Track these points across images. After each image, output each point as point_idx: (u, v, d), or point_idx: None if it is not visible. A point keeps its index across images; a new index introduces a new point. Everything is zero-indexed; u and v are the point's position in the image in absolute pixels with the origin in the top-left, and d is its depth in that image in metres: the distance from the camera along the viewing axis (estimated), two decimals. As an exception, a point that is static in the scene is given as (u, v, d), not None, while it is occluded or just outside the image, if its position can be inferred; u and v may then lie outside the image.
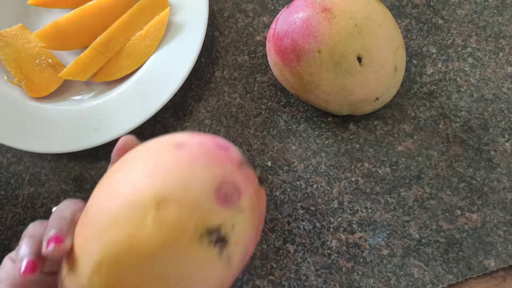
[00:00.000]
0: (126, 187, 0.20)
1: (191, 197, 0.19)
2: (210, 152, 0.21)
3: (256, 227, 0.21)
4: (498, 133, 0.35)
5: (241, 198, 0.20)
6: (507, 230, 0.32)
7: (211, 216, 0.19)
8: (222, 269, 0.20)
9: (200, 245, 0.19)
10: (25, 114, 0.38)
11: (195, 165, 0.20)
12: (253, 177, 0.22)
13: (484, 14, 0.38)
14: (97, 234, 0.19)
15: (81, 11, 0.38)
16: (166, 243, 0.18)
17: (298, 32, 0.31)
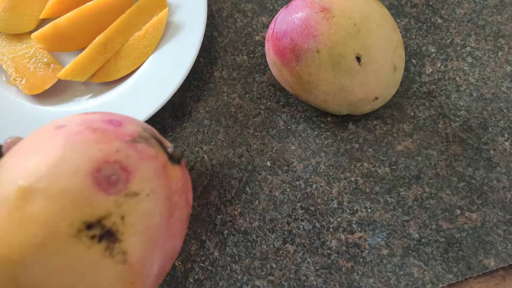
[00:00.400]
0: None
1: (63, 185, 0.15)
2: (92, 128, 0.17)
3: (165, 215, 0.18)
4: (497, 132, 0.35)
5: (130, 180, 0.17)
6: (506, 229, 0.32)
7: (90, 206, 0.16)
8: (117, 269, 0.16)
9: (78, 243, 0.15)
10: (24, 115, 0.38)
11: (68, 145, 0.16)
12: (154, 154, 0.18)
13: (483, 13, 0.38)
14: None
15: (80, 12, 0.38)
16: (35, 246, 0.15)
17: (297, 32, 0.31)
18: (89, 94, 0.39)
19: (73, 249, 0.15)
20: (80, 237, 0.15)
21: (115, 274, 0.16)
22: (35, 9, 0.41)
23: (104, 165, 0.16)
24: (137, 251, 0.17)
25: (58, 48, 0.39)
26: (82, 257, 0.15)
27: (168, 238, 0.18)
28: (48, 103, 0.39)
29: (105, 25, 0.39)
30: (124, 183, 0.16)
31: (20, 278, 0.15)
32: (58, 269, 0.15)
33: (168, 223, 0.18)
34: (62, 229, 0.15)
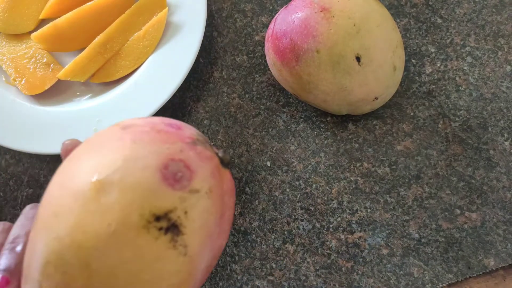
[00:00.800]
0: (68, 175, 0.18)
1: (134, 179, 0.17)
2: (157, 129, 0.19)
3: (219, 214, 0.19)
4: (497, 132, 0.35)
5: (193, 178, 0.18)
6: (506, 229, 0.32)
7: (158, 200, 0.17)
8: (178, 260, 0.17)
9: (147, 234, 0.16)
10: (24, 115, 0.38)
11: (139, 143, 0.18)
12: (210, 156, 0.19)
13: (482, 13, 0.38)
14: (42, 232, 0.17)
15: (79, 12, 0.38)
16: (109, 234, 0.16)
17: (296, 32, 0.31)
18: (89, 94, 0.39)
19: (142, 239, 0.16)
20: (149, 228, 0.16)
21: (176, 265, 0.17)
22: (35, 10, 0.41)
23: (171, 162, 0.18)
24: (196, 245, 0.18)
25: (57, 48, 0.39)
26: (150, 247, 0.17)
27: (218, 235, 0.19)
28: (48, 103, 0.39)
29: (105, 25, 0.39)
30: (188, 180, 0.18)
31: (92, 264, 0.16)
32: (128, 257, 0.16)
33: (220, 221, 0.19)
34: (134, 220, 0.16)
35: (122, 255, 0.16)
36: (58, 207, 0.17)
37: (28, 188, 0.39)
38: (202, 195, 0.18)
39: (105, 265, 0.16)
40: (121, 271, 0.16)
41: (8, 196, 0.39)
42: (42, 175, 0.39)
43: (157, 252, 0.17)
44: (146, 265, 0.17)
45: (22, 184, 0.39)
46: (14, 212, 0.38)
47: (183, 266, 0.18)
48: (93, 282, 0.16)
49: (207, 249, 0.19)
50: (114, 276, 0.16)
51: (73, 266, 0.16)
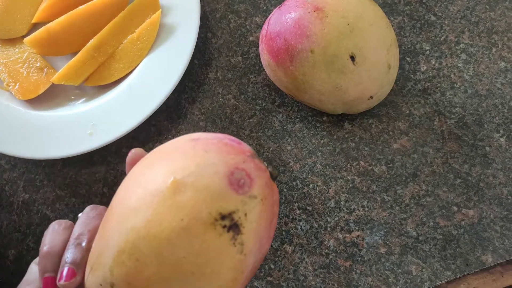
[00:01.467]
0: (145, 176, 0.21)
1: (206, 182, 0.20)
2: (223, 142, 0.22)
3: (269, 220, 0.21)
4: (493, 128, 0.35)
5: (252, 185, 0.20)
6: (503, 225, 0.32)
7: (225, 201, 0.19)
8: (235, 257, 0.20)
9: (213, 230, 0.19)
10: (18, 120, 0.38)
11: (210, 152, 0.21)
12: (264, 169, 0.22)
13: (476, 10, 0.38)
14: (118, 225, 0.20)
15: (72, 16, 0.38)
16: (181, 227, 0.19)
17: (290, 32, 0.31)
18: (83, 98, 0.39)
19: (209, 234, 0.19)
20: (215, 225, 0.19)
21: (233, 261, 0.20)
22: (27, 14, 0.40)
23: (235, 171, 0.20)
24: (250, 245, 0.20)
25: (51, 52, 0.39)
26: (214, 242, 0.19)
27: (266, 240, 0.22)
28: (42, 107, 0.39)
29: (98, 29, 0.38)
30: (248, 187, 0.20)
31: (164, 253, 0.19)
32: (196, 249, 0.19)
33: (269, 227, 0.22)
34: (204, 217, 0.19)
35: (191, 247, 0.19)
36: (137, 202, 0.20)
37: (24, 193, 0.38)
38: (258, 201, 0.20)
39: (175, 255, 0.19)
40: (188, 261, 0.19)
41: (4, 202, 0.38)
42: (38, 180, 0.39)
43: (220, 247, 0.19)
44: (209, 258, 0.19)
45: (18, 189, 0.39)
46: (10, 218, 0.38)
47: (239, 262, 0.20)
48: (162, 270, 0.19)
49: (257, 251, 0.21)
50: (181, 265, 0.19)
51: (147, 255, 0.19)
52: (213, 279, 0.19)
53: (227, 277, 0.20)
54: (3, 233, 0.37)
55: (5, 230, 0.38)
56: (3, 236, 0.37)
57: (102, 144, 0.36)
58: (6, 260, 0.37)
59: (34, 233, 0.37)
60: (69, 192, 0.38)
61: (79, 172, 0.38)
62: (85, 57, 0.38)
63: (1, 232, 0.38)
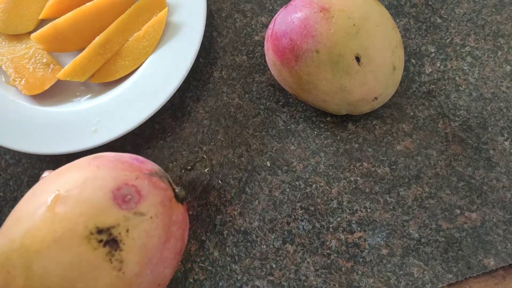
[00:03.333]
0: (40, 189, 0.21)
1: (89, 195, 0.19)
2: (120, 160, 0.22)
3: (162, 240, 0.20)
4: (497, 132, 0.35)
5: (140, 202, 0.20)
6: (506, 229, 0.32)
7: (104, 216, 0.19)
8: (112, 274, 0.19)
9: (87, 244, 0.18)
10: (23, 115, 0.38)
11: (101, 169, 0.21)
12: (164, 188, 0.22)
13: (482, 13, 0.38)
14: (1, 235, 0.20)
15: (79, 13, 0.38)
16: (53, 239, 0.18)
17: (296, 32, 0.31)
18: (89, 94, 0.39)
19: (82, 248, 0.18)
20: (90, 239, 0.18)
21: (109, 279, 0.19)
22: (34, 10, 0.40)
23: (124, 186, 0.20)
24: (133, 263, 0.19)
25: (57, 49, 0.39)
26: (87, 256, 0.18)
27: (160, 260, 0.21)
28: (48, 103, 0.39)
29: (105, 26, 0.39)
30: (135, 203, 0.20)
31: (33, 266, 0.18)
32: (66, 263, 0.18)
33: (163, 247, 0.21)
34: (79, 230, 0.18)
35: (61, 259, 0.18)
36: (21, 213, 0.20)
37: (28, 189, 0.39)
38: (146, 218, 0.20)
39: (44, 268, 0.18)
40: (57, 275, 0.18)
41: (8, 197, 0.39)
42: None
43: (93, 262, 0.18)
44: (81, 272, 0.18)
45: (21, 185, 0.39)
46: (14, 213, 0.38)
47: (117, 281, 0.19)
48: (31, 283, 0.18)
49: (146, 271, 0.20)
50: (50, 279, 0.18)
51: (16, 267, 0.18)
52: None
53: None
54: (7, 228, 0.38)
55: (9, 225, 0.38)
56: (6, 230, 0.38)
57: (106, 140, 0.36)
58: (9, 254, 0.37)
59: (37, 228, 0.37)
60: (72, 188, 0.38)
61: (83, 168, 0.38)
62: (91, 54, 0.38)
63: (5, 226, 0.38)
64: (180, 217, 0.22)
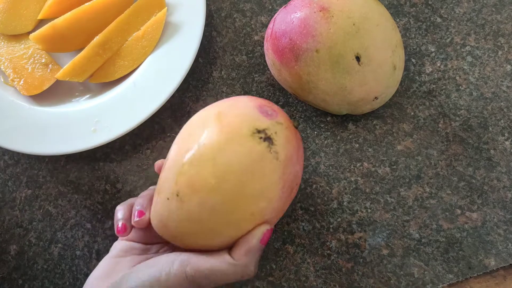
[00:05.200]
0: (197, 115, 0.27)
1: (242, 111, 0.26)
2: (250, 97, 0.28)
3: (295, 146, 0.27)
4: (497, 131, 0.35)
5: (278, 115, 0.26)
6: (507, 229, 0.32)
7: (258, 122, 0.25)
8: (273, 161, 0.25)
9: (253, 140, 0.25)
10: (22, 116, 0.38)
11: (241, 98, 0.27)
12: (284, 114, 0.28)
13: (482, 12, 0.38)
14: (179, 150, 0.26)
15: (78, 13, 0.38)
16: (227, 139, 0.24)
17: (296, 31, 0.31)
18: (88, 94, 0.39)
19: (250, 141, 0.24)
20: (254, 136, 0.25)
21: (273, 165, 0.25)
22: (33, 10, 0.40)
23: (263, 105, 0.27)
24: (283, 155, 0.25)
25: (56, 49, 0.39)
26: (255, 147, 0.24)
27: (297, 162, 0.27)
28: (47, 103, 0.39)
29: (104, 26, 0.39)
30: (275, 116, 0.26)
31: (216, 159, 0.24)
32: (241, 152, 0.24)
33: (297, 150, 0.27)
34: (244, 131, 0.25)
35: (237, 151, 0.24)
36: (191, 130, 0.26)
37: (27, 189, 0.38)
38: (284, 127, 0.26)
39: (226, 158, 0.24)
40: (236, 162, 0.24)
41: (7, 197, 0.39)
42: (40, 175, 0.39)
43: (260, 152, 0.24)
44: (253, 160, 0.24)
45: (21, 185, 0.39)
46: (13, 213, 0.38)
47: (277, 167, 0.25)
48: (217, 170, 0.24)
49: (290, 164, 0.26)
50: (232, 166, 0.24)
51: (204, 161, 0.24)
52: (259, 177, 0.24)
53: (271, 180, 0.25)
54: (5, 228, 0.38)
55: (7, 225, 0.38)
56: (5, 231, 0.37)
57: (105, 141, 0.36)
58: (8, 255, 0.37)
59: (36, 229, 0.37)
60: (71, 188, 0.38)
61: (82, 168, 0.38)
62: (90, 54, 0.38)
63: (3, 227, 0.38)
64: (300, 139, 0.28)
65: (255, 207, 0.25)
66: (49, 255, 0.36)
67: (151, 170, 0.37)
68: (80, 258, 0.36)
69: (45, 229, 0.37)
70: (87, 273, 0.35)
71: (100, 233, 0.36)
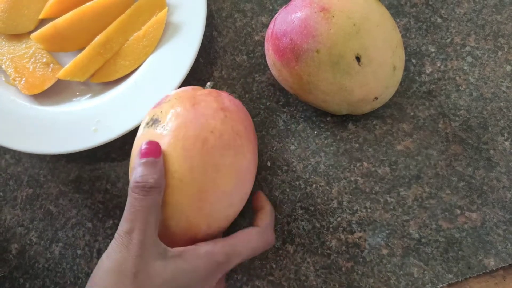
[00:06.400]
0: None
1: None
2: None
3: (188, 108, 0.28)
4: (497, 132, 0.35)
5: (167, 97, 0.31)
6: (506, 229, 0.32)
7: (149, 115, 0.30)
8: (163, 136, 0.27)
9: (147, 129, 0.29)
10: (23, 115, 0.38)
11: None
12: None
13: (482, 13, 0.38)
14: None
15: (79, 12, 0.38)
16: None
17: (296, 31, 0.31)
18: (89, 94, 0.39)
19: (145, 132, 0.29)
20: (147, 126, 0.29)
21: (165, 139, 0.27)
22: (35, 10, 0.40)
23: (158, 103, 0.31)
24: (171, 125, 0.28)
25: (57, 48, 0.39)
26: (147, 134, 0.28)
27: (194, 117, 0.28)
28: (48, 103, 0.39)
29: (105, 26, 0.39)
30: (164, 101, 0.30)
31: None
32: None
33: (192, 108, 0.28)
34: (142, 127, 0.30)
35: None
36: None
37: (28, 188, 0.39)
38: (171, 103, 0.29)
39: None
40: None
41: (8, 196, 0.39)
42: (42, 175, 0.39)
43: (150, 134, 0.28)
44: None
45: (22, 184, 0.39)
46: (14, 212, 0.38)
47: (168, 137, 0.27)
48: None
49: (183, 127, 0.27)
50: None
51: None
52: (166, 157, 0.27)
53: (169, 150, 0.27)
54: (7, 227, 0.38)
55: (9, 224, 0.38)
56: (6, 230, 0.38)
57: (106, 140, 0.36)
58: (9, 254, 0.37)
59: (37, 228, 0.37)
60: (72, 187, 0.38)
61: (83, 168, 0.38)
62: (91, 54, 0.38)
63: (5, 226, 0.38)
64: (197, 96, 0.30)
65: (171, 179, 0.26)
66: (50, 254, 0.37)
67: (151, 169, 0.38)
68: (81, 257, 0.36)
69: (46, 228, 0.37)
70: (88, 272, 0.36)
71: (101, 232, 0.36)
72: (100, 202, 0.37)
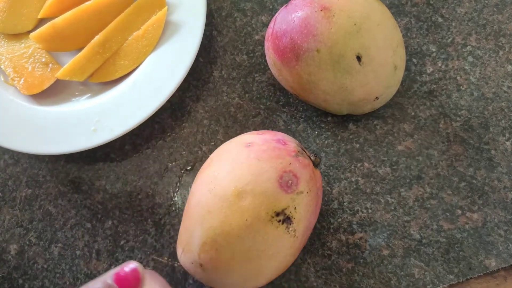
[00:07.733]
0: (214, 183, 0.27)
1: (262, 188, 0.25)
2: (271, 147, 0.27)
3: (314, 204, 0.27)
4: (498, 132, 0.35)
5: (298, 184, 0.26)
6: (508, 229, 0.32)
7: (277, 202, 0.25)
8: (290, 240, 0.26)
9: (271, 225, 0.25)
10: (22, 115, 0.38)
11: (262, 161, 0.26)
12: (307, 163, 0.27)
13: (484, 12, 0.38)
14: (198, 222, 0.27)
15: (78, 12, 0.38)
16: (246, 226, 0.25)
17: (296, 31, 0.30)
18: (88, 94, 0.39)
19: (268, 228, 0.25)
20: (272, 221, 0.25)
21: (289, 243, 0.26)
22: (33, 9, 0.40)
23: (284, 174, 0.26)
24: (301, 229, 0.26)
25: (56, 48, 0.39)
26: (273, 233, 0.25)
27: (314, 217, 0.28)
28: (47, 103, 0.39)
29: (104, 25, 0.38)
30: (295, 185, 0.26)
31: (236, 245, 0.25)
32: (259, 240, 0.25)
33: (315, 210, 0.28)
34: (262, 216, 0.25)
35: (255, 239, 0.25)
36: (211, 207, 0.26)
37: (27, 189, 0.38)
38: (304, 195, 0.26)
39: (244, 245, 0.25)
40: (254, 249, 0.25)
41: (7, 197, 0.39)
42: (41, 175, 0.39)
43: (277, 236, 0.26)
44: (270, 244, 0.26)
45: (21, 184, 0.39)
46: (13, 212, 0.38)
47: (294, 243, 0.26)
48: (236, 256, 0.26)
49: (306, 229, 0.27)
50: (249, 252, 0.25)
51: (223, 246, 0.26)
52: (276, 257, 0.26)
53: (286, 253, 0.26)
54: (5, 228, 0.38)
55: (7, 225, 0.38)
56: (5, 230, 0.37)
57: (105, 140, 0.36)
58: (8, 255, 0.37)
59: (36, 229, 0.37)
60: (71, 188, 0.38)
61: (82, 168, 0.38)
62: (90, 53, 0.38)
63: (3, 226, 0.38)
64: (320, 181, 0.29)
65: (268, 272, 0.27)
66: (49, 254, 0.36)
67: (151, 169, 0.37)
68: (80, 257, 0.36)
69: (45, 228, 0.37)
70: (87, 272, 0.35)
71: (100, 233, 0.36)
72: (99, 202, 0.37)
